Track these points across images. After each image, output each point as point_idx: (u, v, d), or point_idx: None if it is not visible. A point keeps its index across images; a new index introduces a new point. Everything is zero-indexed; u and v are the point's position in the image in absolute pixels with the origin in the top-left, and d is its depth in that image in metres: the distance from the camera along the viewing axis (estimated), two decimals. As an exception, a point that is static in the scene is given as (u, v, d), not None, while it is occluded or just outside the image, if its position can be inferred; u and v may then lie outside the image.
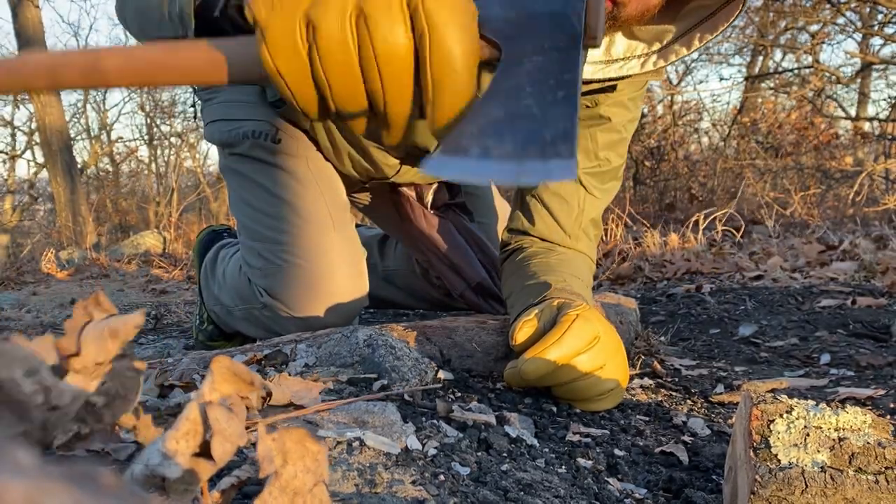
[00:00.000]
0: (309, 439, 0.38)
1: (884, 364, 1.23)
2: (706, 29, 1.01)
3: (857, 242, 2.89)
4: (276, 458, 0.37)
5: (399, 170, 1.36)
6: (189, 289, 2.87)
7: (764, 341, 1.49)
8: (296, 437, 0.38)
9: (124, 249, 4.72)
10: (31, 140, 13.51)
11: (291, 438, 0.38)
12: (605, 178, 1.24)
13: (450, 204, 1.47)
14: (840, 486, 0.53)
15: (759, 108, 7.22)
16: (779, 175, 6.45)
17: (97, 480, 0.23)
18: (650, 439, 0.81)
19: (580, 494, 0.61)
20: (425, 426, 0.66)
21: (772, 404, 0.58)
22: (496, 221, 1.59)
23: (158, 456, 0.36)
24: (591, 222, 1.24)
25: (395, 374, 0.76)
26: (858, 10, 5.65)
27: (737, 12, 0.98)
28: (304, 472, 0.37)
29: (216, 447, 0.37)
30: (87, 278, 3.33)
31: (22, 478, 0.20)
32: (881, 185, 5.53)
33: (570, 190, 1.22)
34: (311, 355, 0.84)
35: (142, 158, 14.86)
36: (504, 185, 2.05)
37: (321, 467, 0.38)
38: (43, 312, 2.34)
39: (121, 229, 10.38)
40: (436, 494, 0.51)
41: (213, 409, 0.38)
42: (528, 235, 1.23)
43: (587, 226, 1.23)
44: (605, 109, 1.19)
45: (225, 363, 0.46)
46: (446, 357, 1.04)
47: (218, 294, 1.50)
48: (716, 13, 1.00)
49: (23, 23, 8.20)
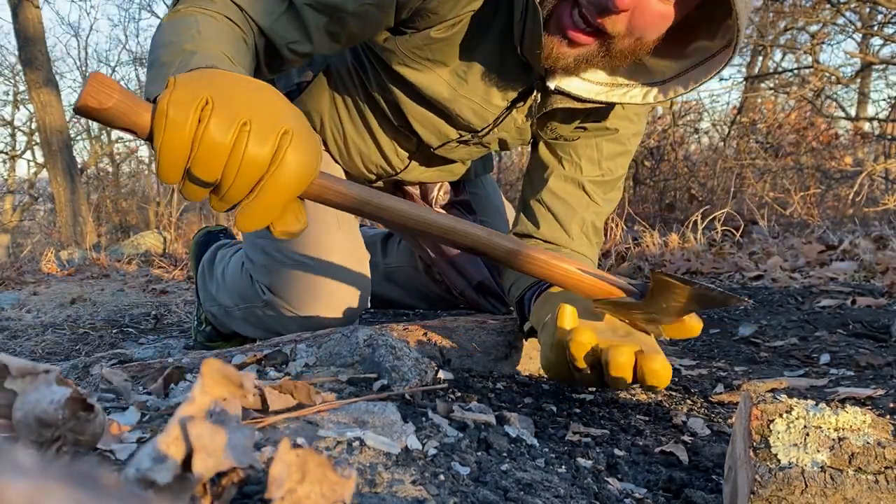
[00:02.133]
0: (331, 469, 0.38)
1: (883, 364, 1.23)
2: (701, 72, 1.04)
3: (857, 242, 2.89)
4: (295, 474, 0.37)
5: (408, 165, 1.37)
6: (189, 289, 2.87)
7: (764, 341, 1.49)
8: (318, 461, 0.37)
9: (124, 249, 4.72)
10: (31, 140, 13.51)
11: (314, 461, 0.37)
12: (607, 187, 1.28)
13: (454, 202, 1.48)
14: (840, 486, 0.53)
15: (758, 108, 7.22)
16: (778, 175, 6.44)
17: (97, 480, 0.23)
18: (650, 439, 0.81)
19: (580, 494, 0.61)
20: (425, 426, 0.66)
21: (771, 404, 0.58)
22: (499, 221, 1.60)
23: (149, 461, 0.36)
24: (593, 229, 1.26)
25: (395, 374, 0.76)
26: (858, 10, 5.65)
27: (728, 58, 1.01)
28: (318, 495, 0.37)
29: (198, 464, 0.37)
30: (88, 278, 3.33)
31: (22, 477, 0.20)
32: (881, 185, 5.53)
33: (575, 196, 1.24)
34: (311, 355, 0.84)
35: (142, 159, 14.86)
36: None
37: (338, 494, 0.38)
38: (43, 312, 2.34)
39: (121, 229, 10.38)
40: (436, 494, 0.51)
41: (195, 425, 0.38)
42: (532, 238, 1.25)
43: (590, 232, 1.26)
44: (613, 121, 1.23)
45: (215, 366, 0.46)
46: (446, 357, 1.04)
47: (216, 294, 1.50)
48: (715, 55, 1.02)
49: (23, 23, 8.20)
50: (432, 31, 1.08)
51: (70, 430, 0.43)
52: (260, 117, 0.69)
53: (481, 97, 1.16)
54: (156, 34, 0.93)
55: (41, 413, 0.42)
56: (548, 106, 1.16)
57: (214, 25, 0.92)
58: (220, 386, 0.46)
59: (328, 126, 1.33)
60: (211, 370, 0.45)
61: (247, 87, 0.72)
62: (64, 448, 0.43)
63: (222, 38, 0.91)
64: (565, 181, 1.25)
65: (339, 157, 1.37)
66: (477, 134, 1.24)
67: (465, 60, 1.13)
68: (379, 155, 1.35)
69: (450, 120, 1.22)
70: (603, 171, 1.26)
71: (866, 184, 4.63)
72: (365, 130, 1.32)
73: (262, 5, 1.01)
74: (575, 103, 1.13)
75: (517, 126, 1.23)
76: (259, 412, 0.60)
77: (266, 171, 0.70)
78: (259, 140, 0.69)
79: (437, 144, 1.28)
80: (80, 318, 2.19)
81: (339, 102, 1.31)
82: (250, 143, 0.69)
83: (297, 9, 1.02)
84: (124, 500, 0.23)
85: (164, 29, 0.92)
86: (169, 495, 0.36)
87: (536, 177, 1.28)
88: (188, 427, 0.37)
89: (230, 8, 0.98)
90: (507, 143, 1.29)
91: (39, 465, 0.23)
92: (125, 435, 0.54)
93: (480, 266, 1.42)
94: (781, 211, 4.84)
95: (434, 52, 1.11)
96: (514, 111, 1.20)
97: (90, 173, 13.02)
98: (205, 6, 0.94)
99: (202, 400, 0.42)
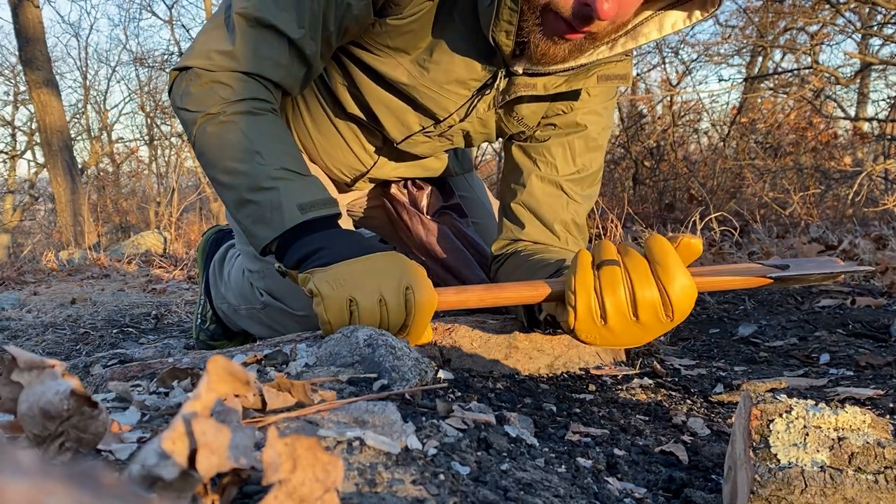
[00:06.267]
0: (321, 449, 0.38)
1: (883, 364, 1.23)
2: (680, 16, 1.04)
3: (857, 242, 2.89)
4: (286, 464, 0.37)
5: (377, 161, 1.36)
6: (189, 289, 2.87)
7: (763, 341, 1.49)
8: (307, 444, 0.38)
9: (125, 249, 4.72)
10: (31, 140, 13.50)
11: (303, 445, 0.37)
12: (585, 184, 1.28)
13: (445, 207, 1.47)
14: (839, 486, 0.53)
15: (758, 108, 7.22)
16: (778, 175, 6.44)
17: (97, 480, 0.23)
18: (650, 439, 0.81)
19: (580, 494, 0.61)
20: (425, 426, 0.66)
21: (771, 404, 0.58)
22: (491, 221, 1.60)
23: (155, 456, 0.36)
24: (576, 227, 1.27)
25: (395, 373, 0.76)
26: (858, 10, 5.64)
27: (717, 4, 1.00)
28: (312, 480, 0.37)
29: (202, 461, 0.37)
30: (88, 278, 3.33)
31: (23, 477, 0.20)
32: (880, 185, 5.53)
33: (554, 196, 1.25)
34: (311, 355, 0.84)
35: (142, 158, 14.86)
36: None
37: (331, 477, 0.38)
38: (43, 312, 2.34)
39: (121, 229, 10.38)
40: (436, 494, 0.51)
41: (200, 422, 0.38)
42: (520, 241, 1.25)
43: (573, 230, 1.27)
44: (582, 117, 1.24)
45: (221, 363, 0.46)
46: (446, 357, 1.04)
47: (225, 293, 1.51)
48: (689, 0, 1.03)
49: (23, 23, 8.20)
50: (390, 19, 1.08)
51: (73, 427, 0.43)
52: (387, 286, 0.92)
53: (442, 85, 1.15)
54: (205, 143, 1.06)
55: (46, 404, 0.42)
56: (511, 93, 1.16)
57: (262, 131, 1.05)
58: (225, 383, 0.46)
59: (294, 131, 1.32)
60: (217, 367, 0.45)
61: (367, 268, 0.93)
62: (66, 445, 0.43)
63: (275, 144, 1.04)
64: (543, 182, 1.25)
65: (312, 160, 1.36)
66: (439, 123, 1.23)
67: (426, 49, 1.12)
68: (347, 152, 1.33)
69: (413, 105, 1.20)
70: (578, 167, 1.26)
71: (866, 184, 4.63)
72: (329, 130, 1.30)
73: (270, 62, 1.07)
74: (539, 90, 1.14)
75: (479, 117, 1.22)
76: (259, 412, 0.60)
77: (406, 318, 0.93)
78: (394, 309, 0.92)
79: (400, 138, 1.26)
80: (81, 318, 2.19)
81: (301, 106, 1.29)
82: (390, 313, 0.92)
83: (298, 47, 1.07)
84: (125, 499, 0.23)
85: (215, 148, 1.05)
86: (173, 493, 0.36)
87: (514, 181, 1.28)
88: (193, 424, 0.37)
89: (247, 86, 1.06)
90: (471, 136, 1.28)
91: (40, 464, 0.23)
92: (125, 434, 0.54)
93: (475, 268, 1.42)
94: (781, 211, 4.84)
95: (394, 39, 1.11)
96: (477, 101, 1.19)
97: (90, 173, 13.02)
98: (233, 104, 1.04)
99: (208, 397, 0.42)
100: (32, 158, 13.82)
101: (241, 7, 1.04)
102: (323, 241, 0.99)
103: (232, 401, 0.49)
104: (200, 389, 0.42)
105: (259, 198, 1.01)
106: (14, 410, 0.44)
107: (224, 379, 0.46)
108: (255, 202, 1.01)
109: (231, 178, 1.03)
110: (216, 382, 0.45)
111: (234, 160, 1.02)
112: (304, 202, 1.00)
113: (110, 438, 0.50)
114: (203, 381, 0.43)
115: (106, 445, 0.49)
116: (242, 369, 0.48)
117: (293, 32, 1.05)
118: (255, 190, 1.01)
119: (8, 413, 0.45)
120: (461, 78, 1.14)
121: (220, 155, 1.04)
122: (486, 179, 6.70)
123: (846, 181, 5.48)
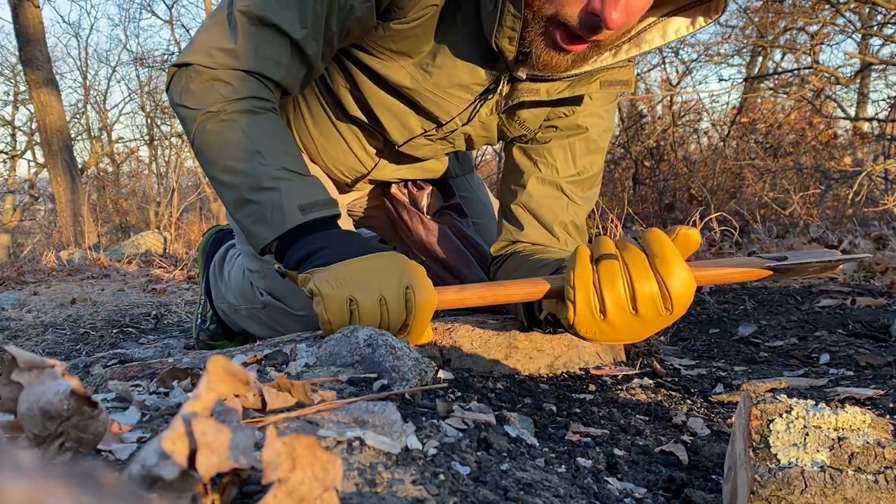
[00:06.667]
0: (319, 448, 0.38)
1: (883, 364, 1.23)
2: (683, 22, 1.04)
3: (857, 242, 2.89)
4: (285, 463, 0.37)
5: (378, 163, 1.36)
6: (189, 289, 2.87)
7: (763, 341, 1.49)
8: (306, 443, 0.37)
9: (125, 249, 4.72)
10: (31, 140, 13.51)
11: (302, 444, 0.37)
12: (585, 185, 1.28)
13: (445, 207, 1.47)
14: (839, 486, 0.53)
15: (758, 108, 7.22)
16: (778, 175, 6.44)
17: (97, 480, 0.23)
18: (650, 439, 0.81)
19: (580, 494, 0.61)
20: (425, 426, 0.66)
21: (771, 404, 0.58)
22: (491, 221, 1.60)
23: (155, 456, 0.36)
24: (575, 229, 1.27)
25: (395, 373, 0.76)
26: (858, 10, 5.64)
27: (720, 11, 1.00)
28: (311, 478, 0.37)
29: (202, 460, 0.37)
30: (88, 278, 3.33)
31: (23, 477, 0.20)
32: (880, 185, 5.53)
33: (554, 198, 1.25)
34: (311, 355, 0.84)
35: (142, 158, 14.87)
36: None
37: (330, 476, 0.38)
38: (43, 312, 2.34)
39: (121, 229, 10.39)
40: (436, 494, 0.51)
41: (200, 422, 0.38)
42: (519, 242, 1.25)
43: (573, 231, 1.27)
44: (583, 119, 1.24)
45: (221, 363, 0.46)
46: (446, 357, 1.04)
47: (225, 293, 1.51)
48: (692, 6, 1.03)
49: (23, 23, 8.20)
50: (393, 23, 1.08)
51: (73, 427, 0.43)
52: (387, 285, 0.92)
53: (445, 89, 1.16)
54: (204, 141, 1.05)
55: (46, 404, 0.42)
56: (514, 98, 1.16)
57: (262, 130, 1.05)
58: (225, 383, 0.46)
59: (294, 131, 1.32)
60: (217, 367, 0.45)
61: (367, 267, 0.93)
62: (66, 445, 0.43)
63: (275, 144, 1.04)
64: (543, 184, 1.25)
65: (312, 160, 1.36)
66: (441, 127, 1.23)
67: (429, 53, 1.12)
68: (348, 153, 1.33)
69: (416, 108, 1.20)
70: (579, 169, 1.26)
71: (866, 184, 4.63)
72: (330, 131, 1.30)
73: (271, 61, 1.07)
74: (542, 95, 1.14)
75: (482, 121, 1.22)
76: (258, 412, 0.60)
77: (406, 318, 0.93)
78: (394, 309, 0.92)
79: (401, 141, 1.26)
80: (81, 318, 2.20)
81: (303, 106, 1.29)
82: (390, 313, 0.92)
83: (300, 47, 1.07)
84: (125, 499, 0.23)
85: (216, 146, 1.05)
86: (173, 493, 0.36)
87: (514, 182, 1.28)
88: (193, 423, 0.37)
89: (248, 84, 1.06)
90: (472, 140, 1.29)
91: (40, 464, 0.23)
92: (125, 434, 0.54)
93: (476, 268, 1.42)
94: (781, 211, 4.84)
95: (397, 43, 1.11)
96: (480, 105, 1.19)
97: (90, 173, 13.02)
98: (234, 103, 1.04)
99: (208, 397, 0.42)
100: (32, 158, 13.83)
101: (243, 5, 1.04)
102: (323, 242, 0.99)
103: (232, 401, 0.49)
104: (200, 389, 0.42)
105: (259, 197, 1.01)
106: (14, 410, 0.44)
107: (224, 379, 0.46)
108: (256, 202, 1.01)
109: (231, 177, 1.03)
110: (216, 382, 0.45)
111: (235, 159, 1.02)
112: (304, 203, 1.00)
113: (110, 438, 0.50)
114: (203, 381, 0.43)
115: (106, 445, 0.49)
116: (242, 369, 0.48)
117: (295, 32, 1.05)
118: (256, 189, 1.01)
119: (8, 413, 0.45)
120: (464, 82, 1.14)
121: (221, 153, 1.04)
122: (487, 179, 6.70)
123: (846, 181, 5.48)
